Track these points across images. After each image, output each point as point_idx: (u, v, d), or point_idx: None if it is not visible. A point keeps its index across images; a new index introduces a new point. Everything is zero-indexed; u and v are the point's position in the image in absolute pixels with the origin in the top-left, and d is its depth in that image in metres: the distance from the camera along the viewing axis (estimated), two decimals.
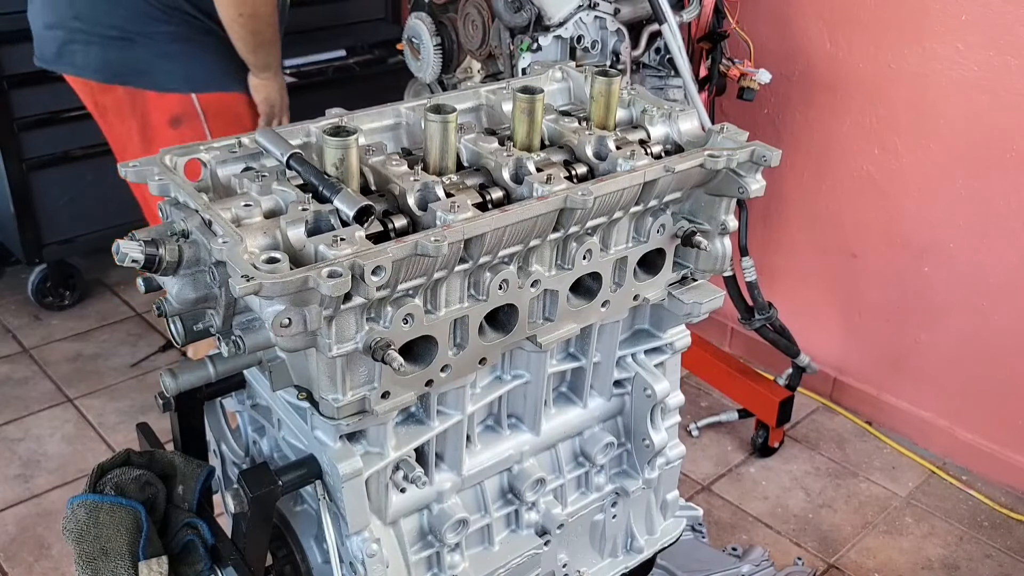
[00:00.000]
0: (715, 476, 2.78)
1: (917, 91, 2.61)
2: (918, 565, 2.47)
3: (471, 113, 1.30)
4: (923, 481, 2.79)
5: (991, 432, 2.79)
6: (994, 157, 2.52)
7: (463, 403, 1.20)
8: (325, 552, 1.20)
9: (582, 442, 1.40)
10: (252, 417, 1.32)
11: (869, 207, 2.83)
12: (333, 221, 1.00)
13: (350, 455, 1.11)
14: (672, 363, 1.43)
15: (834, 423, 3.04)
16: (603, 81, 1.22)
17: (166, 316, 1.08)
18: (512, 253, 1.08)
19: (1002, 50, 2.42)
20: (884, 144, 2.73)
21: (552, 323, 1.20)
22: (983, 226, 2.61)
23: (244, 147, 1.12)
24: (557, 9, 2.22)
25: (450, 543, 1.26)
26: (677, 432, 1.49)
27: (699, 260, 1.31)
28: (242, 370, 1.22)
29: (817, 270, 3.06)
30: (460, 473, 1.25)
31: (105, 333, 3.21)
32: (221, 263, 0.95)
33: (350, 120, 1.17)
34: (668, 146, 1.27)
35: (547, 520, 1.36)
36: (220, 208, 0.99)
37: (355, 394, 1.04)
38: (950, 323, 2.78)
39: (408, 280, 0.99)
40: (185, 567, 1.16)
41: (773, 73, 2.47)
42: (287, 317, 0.92)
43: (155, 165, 1.06)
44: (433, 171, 1.11)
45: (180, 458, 1.23)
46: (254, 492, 1.09)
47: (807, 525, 2.60)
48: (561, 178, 1.09)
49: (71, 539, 1.12)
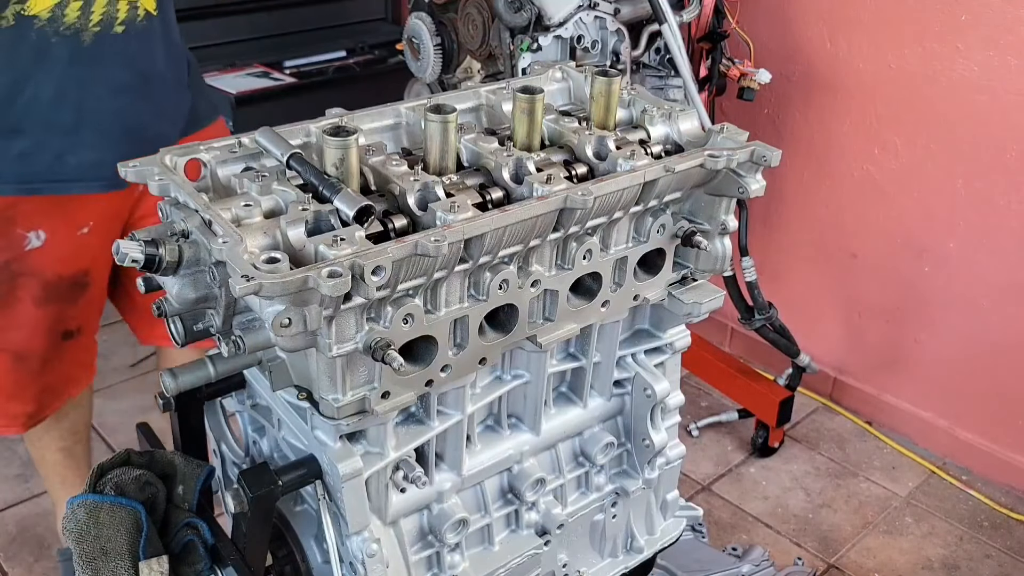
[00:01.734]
0: (715, 476, 2.78)
1: (917, 91, 2.61)
2: (918, 565, 2.47)
3: (471, 113, 1.30)
4: (923, 481, 2.79)
5: (991, 432, 2.79)
6: (994, 157, 2.52)
7: (463, 403, 1.20)
8: (325, 552, 1.20)
9: (582, 442, 1.40)
10: (252, 417, 1.32)
11: (869, 207, 2.83)
12: (333, 221, 1.00)
13: (350, 455, 1.11)
14: (672, 363, 1.43)
15: (834, 423, 3.05)
16: (603, 81, 1.22)
17: (166, 316, 1.08)
18: (512, 253, 1.08)
19: (1002, 50, 2.42)
20: (884, 144, 2.73)
21: (552, 323, 1.20)
22: (983, 226, 2.61)
23: (244, 147, 1.12)
24: (557, 9, 2.22)
25: (450, 543, 1.26)
26: (677, 432, 1.49)
27: (699, 260, 1.31)
28: (242, 370, 1.22)
29: (817, 270, 3.06)
30: (460, 473, 1.25)
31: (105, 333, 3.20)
32: (221, 263, 0.95)
33: (350, 120, 1.17)
34: (668, 146, 1.27)
35: (547, 520, 1.36)
36: (220, 208, 0.99)
37: (355, 394, 1.04)
38: (950, 323, 2.77)
39: (408, 280, 0.99)
40: (185, 567, 1.16)
41: (773, 73, 2.47)
42: (287, 317, 0.92)
43: (155, 165, 1.06)
44: (433, 171, 1.11)
45: (180, 458, 1.23)
46: (254, 492, 1.09)
47: (807, 525, 2.60)
48: (561, 178, 1.09)
49: (71, 539, 1.12)
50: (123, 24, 1.77)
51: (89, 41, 1.74)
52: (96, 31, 1.74)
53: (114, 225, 1.95)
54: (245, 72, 3.50)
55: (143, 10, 1.80)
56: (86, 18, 1.73)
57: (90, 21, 1.74)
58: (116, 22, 1.75)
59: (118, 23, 1.76)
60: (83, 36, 1.73)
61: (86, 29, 1.73)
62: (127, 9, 1.77)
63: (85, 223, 1.88)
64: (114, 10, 1.75)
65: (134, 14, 1.78)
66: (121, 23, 1.77)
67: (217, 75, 3.38)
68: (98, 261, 1.95)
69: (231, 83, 3.36)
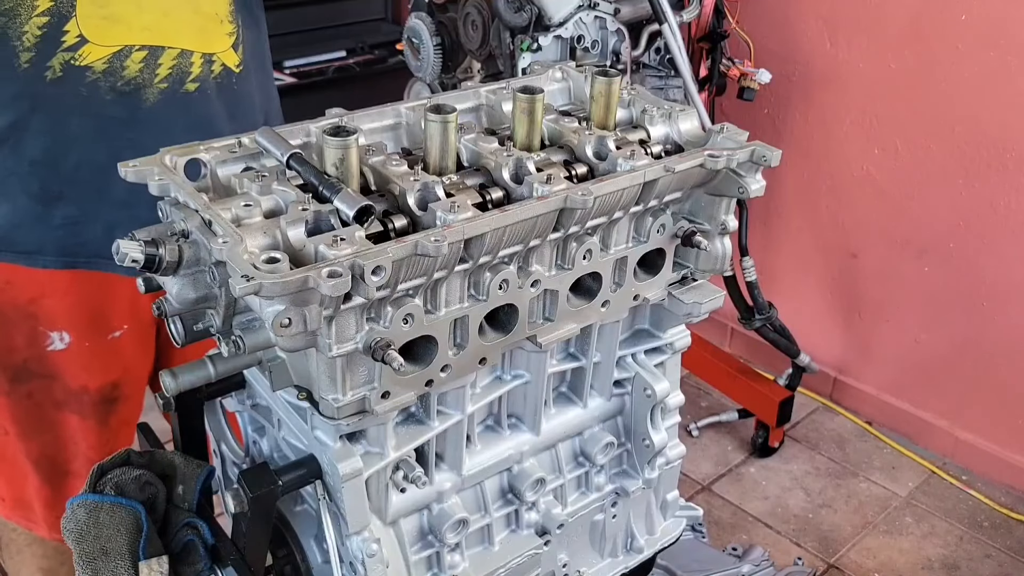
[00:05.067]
0: (715, 476, 2.78)
1: (917, 91, 2.61)
2: (918, 565, 2.47)
3: (471, 113, 1.30)
4: (923, 481, 2.79)
5: (991, 432, 2.79)
6: (994, 157, 2.52)
7: (463, 403, 1.20)
8: (325, 552, 1.20)
9: (582, 442, 1.40)
10: (252, 417, 1.32)
11: (869, 207, 2.83)
12: (333, 221, 1.00)
13: (350, 455, 1.11)
14: (672, 363, 1.43)
15: (834, 423, 3.05)
16: (603, 81, 1.22)
17: (166, 316, 1.08)
18: (512, 253, 1.08)
19: (1002, 50, 2.42)
20: (884, 144, 2.73)
21: (552, 323, 1.20)
22: (983, 226, 2.61)
23: (244, 147, 1.12)
24: (557, 9, 2.22)
25: (450, 543, 1.26)
26: (677, 432, 1.49)
27: (699, 260, 1.31)
28: (242, 370, 1.22)
29: (817, 270, 3.06)
30: (460, 473, 1.25)
31: None
32: (221, 263, 0.95)
33: (350, 120, 1.17)
34: (668, 146, 1.27)
35: (547, 520, 1.36)
36: (220, 208, 0.99)
37: (355, 394, 1.04)
38: (950, 323, 2.78)
39: (408, 280, 0.99)
40: (185, 567, 1.16)
41: (773, 73, 2.48)
42: (287, 317, 0.92)
43: (155, 165, 1.06)
44: (433, 171, 1.11)
45: (180, 458, 1.23)
46: (254, 492, 1.09)
47: (807, 525, 2.60)
48: (561, 178, 1.09)
49: (71, 539, 1.12)
50: (196, 81, 1.51)
51: (154, 100, 1.47)
52: (163, 88, 1.47)
53: (151, 332, 1.68)
54: None
55: (220, 66, 1.53)
56: (151, 72, 1.45)
57: (156, 76, 1.46)
58: (189, 78, 1.49)
59: (191, 79, 1.50)
60: (146, 94, 1.47)
61: (150, 86, 1.47)
62: (201, 64, 1.50)
63: (119, 326, 1.61)
64: (187, 64, 1.48)
65: (208, 70, 1.52)
66: (195, 79, 1.50)
67: None
68: (131, 372, 1.67)
69: None
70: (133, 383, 1.70)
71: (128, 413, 1.71)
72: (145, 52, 1.43)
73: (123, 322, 1.62)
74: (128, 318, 1.62)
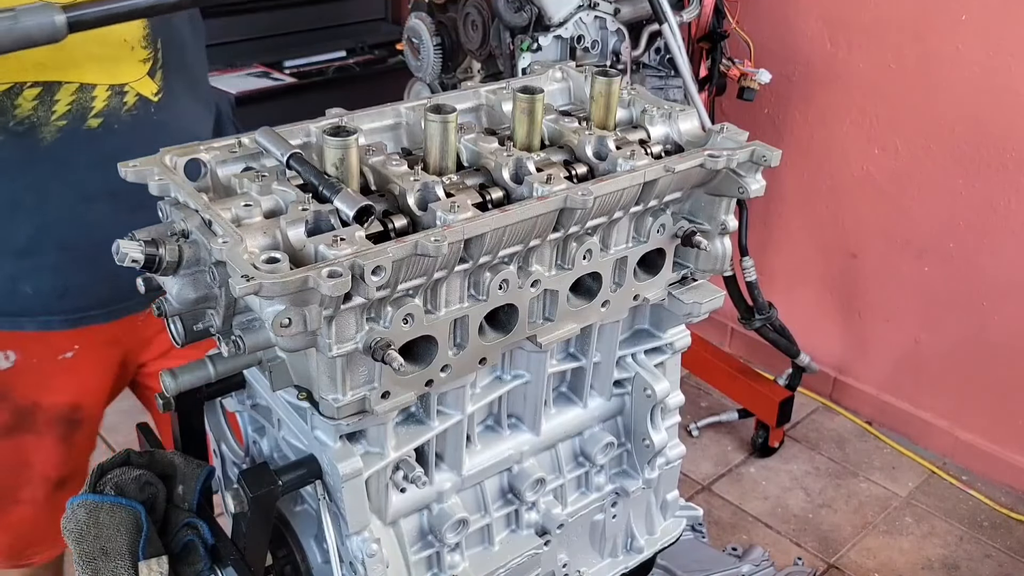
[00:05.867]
0: (715, 476, 2.78)
1: (917, 91, 2.61)
2: (918, 565, 2.47)
3: (471, 113, 1.30)
4: (923, 481, 2.79)
5: (991, 432, 2.79)
6: (994, 157, 2.52)
7: (463, 403, 1.20)
8: (325, 552, 1.20)
9: (582, 442, 1.40)
10: (252, 417, 1.32)
11: (869, 207, 2.84)
12: (333, 221, 1.00)
13: (350, 455, 1.11)
14: (672, 363, 1.43)
15: (834, 423, 3.05)
16: (603, 81, 1.22)
17: (166, 316, 1.08)
18: (512, 253, 1.08)
19: (1002, 50, 2.42)
20: (884, 144, 2.74)
21: (552, 323, 1.20)
22: (983, 226, 2.61)
23: (244, 147, 1.12)
24: (557, 9, 2.23)
25: (450, 543, 1.26)
26: (677, 432, 1.49)
27: (699, 260, 1.31)
28: (242, 370, 1.22)
29: (817, 270, 3.06)
30: (460, 473, 1.25)
31: None
32: (221, 263, 0.95)
33: (350, 120, 1.17)
34: (668, 146, 1.27)
35: (547, 520, 1.36)
36: (220, 208, 0.99)
37: (355, 394, 1.04)
38: (950, 323, 2.78)
39: (408, 280, 0.99)
40: (185, 567, 1.16)
41: (773, 73, 2.48)
42: (287, 317, 0.92)
43: (155, 165, 1.06)
44: (433, 171, 1.11)
45: (180, 458, 1.23)
46: (254, 492, 1.09)
47: (807, 525, 2.60)
48: (561, 178, 1.09)
49: (71, 539, 1.12)
50: (100, 116, 1.40)
51: (51, 139, 1.37)
52: (61, 125, 1.37)
53: (110, 351, 1.60)
54: (245, 72, 3.51)
55: (134, 97, 1.43)
56: (47, 110, 1.35)
57: (53, 114, 1.36)
58: (91, 113, 1.39)
59: (92, 115, 1.40)
60: (42, 132, 1.37)
61: (47, 124, 1.37)
62: (107, 97, 1.40)
63: (67, 347, 1.53)
64: (87, 99, 1.38)
65: (119, 103, 1.42)
66: (97, 115, 1.40)
67: (217, 75, 3.39)
68: (90, 396, 1.61)
69: (231, 83, 3.37)
70: (93, 406, 1.65)
71: (91, 431, 1.68)
72: (39, 89, 1.34)
73: (71, 344, 1.54)
74: (76, 339, 1.54)
